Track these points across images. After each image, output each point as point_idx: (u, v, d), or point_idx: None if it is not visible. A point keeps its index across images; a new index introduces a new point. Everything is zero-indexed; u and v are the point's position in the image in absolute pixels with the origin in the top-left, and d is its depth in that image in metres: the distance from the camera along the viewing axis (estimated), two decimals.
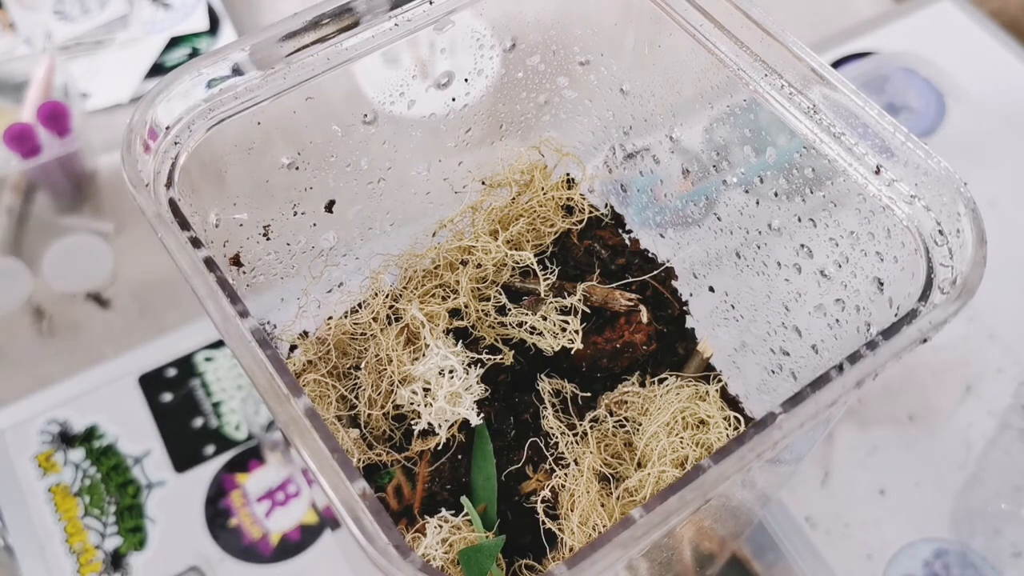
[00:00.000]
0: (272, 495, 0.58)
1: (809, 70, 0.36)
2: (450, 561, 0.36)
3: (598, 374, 0.42)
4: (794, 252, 0.40)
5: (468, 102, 0.43)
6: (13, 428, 0.60)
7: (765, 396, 0.44)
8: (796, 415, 0.29)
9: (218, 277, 0.30)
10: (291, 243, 0.41)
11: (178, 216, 0.32)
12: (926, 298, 0.32)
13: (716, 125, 0.41)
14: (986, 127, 0.74)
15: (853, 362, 0.30)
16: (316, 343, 0.41)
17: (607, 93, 0.46)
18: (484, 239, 0.42)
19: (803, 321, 0.41)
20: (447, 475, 0.39)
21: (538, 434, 0.40)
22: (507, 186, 0.45)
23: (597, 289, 0.43)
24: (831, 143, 0.35)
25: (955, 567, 0.55)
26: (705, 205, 0.44)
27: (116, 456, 0.59)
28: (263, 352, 0.28)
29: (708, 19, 0.38)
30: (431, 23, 0.39)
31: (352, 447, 0.38)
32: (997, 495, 0.57)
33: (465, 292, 0.41)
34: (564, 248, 0.46)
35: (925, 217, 0.34)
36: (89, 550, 0.56)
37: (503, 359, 0.40)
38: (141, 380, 0.62)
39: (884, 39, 0.80)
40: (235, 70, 0.35)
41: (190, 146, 0.34)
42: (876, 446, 0.59)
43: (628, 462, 0.38)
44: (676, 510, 0.27)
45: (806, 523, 0.56)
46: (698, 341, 0.45)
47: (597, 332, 0.42)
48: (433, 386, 0.36)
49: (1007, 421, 0.60)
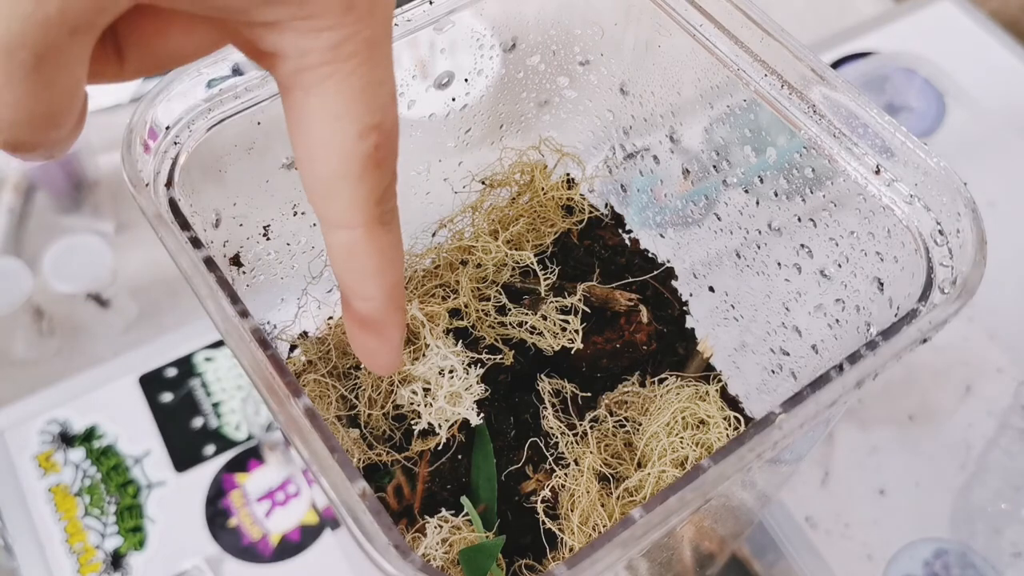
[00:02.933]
0: (272, 495, 0.58)
1: (809, 70, 0.36)
2: (450, 561, 0.36)
3: (598, 374, 0.42)
4: (794, 252, 0.40)
5: (468, 102, 0.43)
6: (13, 428, 0.60)
7: (765, 396, 0.44)
8: (796, 415, 0.29)
9: (218, 277, 0.30)
10: (291, 243, 0.41)
11: (178, 216, 0.32)
12: (926, 298, 0.32)
13: (716, 125, 0.41)
14: (986, 127, 0.74)
15: (853, 362, 0.30)
16: (316, 343, 0.41)
17: (607, 93, 0.46)
18: (484, 239, 0.42)
19: (803, 321, 0.41)
20: (447, 475, 0.39)
21: (538, 434, 0.40)
22: (507, 186, 0.45)
23: (597, 289, 0.43)
24: (831, 143, 0.35)
25: (955, 567, 0.55)
26: (705, 205, 0.44)
27: (116, 456, 0.59)
28: (263, 352, 0.28)
29: (708, 19, 0.38)
30: (431, 23, 0.39)
31: (352, 447, 0.38)
32: (997, 495, 0.57)
33: (465, 292, 0.41)
34: (564, 248, 0.46)
35: (925, 217, 0.34)
36: (89, 550, 0.56)
37: (503, 359, 0.40)
38: (141, 380, 0.62)
39: (884, 39, 0.80)
40: (235, 70, 0.35)
41: (190, 146, 0.34)
42: (876, 446, 0.59)
43: (628, 462, 0.38)
44: (676, 510, 0.27)
45: (806, 523, 0.56)
46: (698, 341, 0.45)
47: (597, 332, 0.42)
48: (433, 386, 0.36)
49: (1007, 421, 0.60)
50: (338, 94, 0.23)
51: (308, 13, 0.22)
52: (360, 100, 0.23)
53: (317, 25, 0.22)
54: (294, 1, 0.21)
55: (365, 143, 0.24)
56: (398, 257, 0.28)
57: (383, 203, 0.26)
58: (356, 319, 0.29)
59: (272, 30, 0.22)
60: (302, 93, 0.23)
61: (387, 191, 0.26)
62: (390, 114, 0.25)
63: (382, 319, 0.29)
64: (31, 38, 0.18)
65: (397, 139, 0.26)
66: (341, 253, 0.27)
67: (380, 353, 0.30)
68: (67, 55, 0.19)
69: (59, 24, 0.18)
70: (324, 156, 0.24)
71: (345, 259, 0.27)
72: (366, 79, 0.23)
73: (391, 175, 0.26)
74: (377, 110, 0.24)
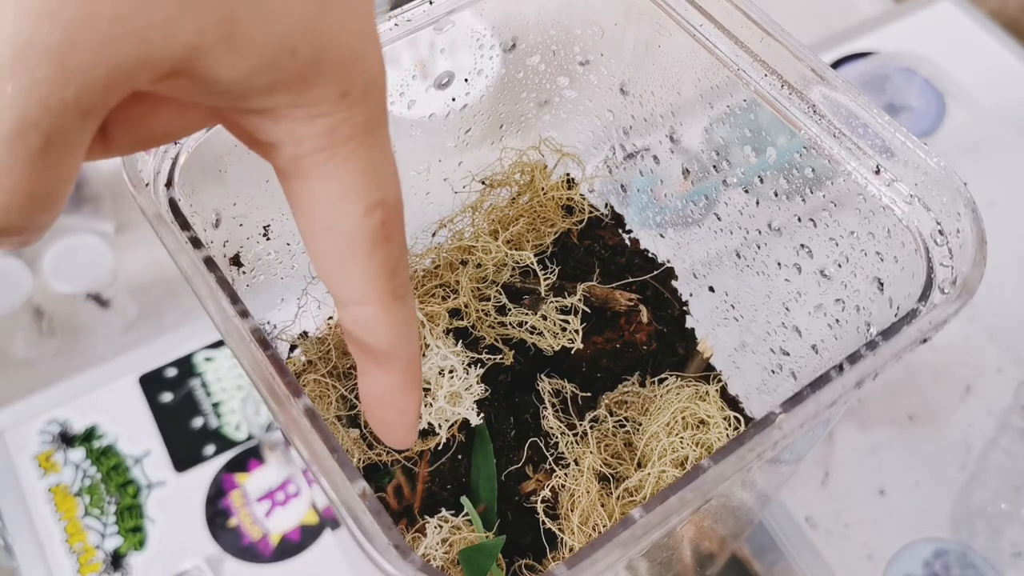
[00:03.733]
0: (272, 495, 0.58)
1: (809, 70, 0.36)
2: (450, 561, 0.36)
3: (598, 374, 0.42)
4: (794, 252, 0.40)
5: (468, 102, 0.43)
6: (13, 428, 0.60)
7: (765, 396, 0.44)
8: (796, 415, 0.29)
9: (218, 277, 0.30)
10: (291, 243, 0.41)
11: (178, 216, 0.32)
12: (926, 298, 0.32)
13: (716, 125, 0.41)
14: (986, 127, 0.74)
15: (853, 362, 0.30)
16: (316, 343, 0.41)
17: (607, 93, 0.46)
18: (484, 239, 0.42)
19: (803, 321, 0.41)
20: (447, 475, 0.39)
21: (538, 434, 0.40)
22: (507, 186, 0.45)
23: (597, 289, 0.43)
24: (831, 143, 0.35)
25: (955, 567, 0.55)
26: (705, 205, 0.44)
27: (116, 456, 0.59)
28: (263, 352, 0.28)
29: (708, 19, 0.38)
30: (431, 23, 0.39)
31: (352, 447, 0.38)
32: (997, 495, 0.57)
33: (465, 292, 0.41)
34: (564, 248, 0.46)
35: (925, 217, 0.34)
36: (89, 550, 0.56)
37: (503, 359, 0.40)
38: (141, 380, 0.62)
39: (884, 39, 0.80)
40: None
41: (190, 146, 0.34)
42: (876, 446, 0.59)
43: (628, 462, 0.38)
44: (676, 510, 0.27)
45: (806, 523, 0.56)
46: (698, 341, 0.45)
47: (597, 332, 0.42)
48: (433, 386, 0.36)
49: (1007, 421, 0.60)
50: (338, 176, 0.23)
51: (306, 102, 0.22)
52: (361, 180, 0.23)
53: (312, 112, 0.22)
54: (293, 89, 0.21)
55: (371, 220, 0.24)
56: (413, 331, 0.28)
57: (395, 277, 0.26)
58: (372, 394, 0.29)
59: (267, 117, 0.22)
60: (302, 179, 0.23)
61: (398, 264, 0.26)
62: (393, 190, 0.25)
63: (398, 393, 0.28)
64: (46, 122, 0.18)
65: (403, 214, 0.26)
66: (356, 329, 0.26)
67: (396, 428, 0.30)
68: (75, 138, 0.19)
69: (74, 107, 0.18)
70: (330, 236, 0.24)
71: (360, 335, 0.27)
72: (364, 161, 0.23)
73: (401, 249, 0.26)
74: (379, 187, 0.24)
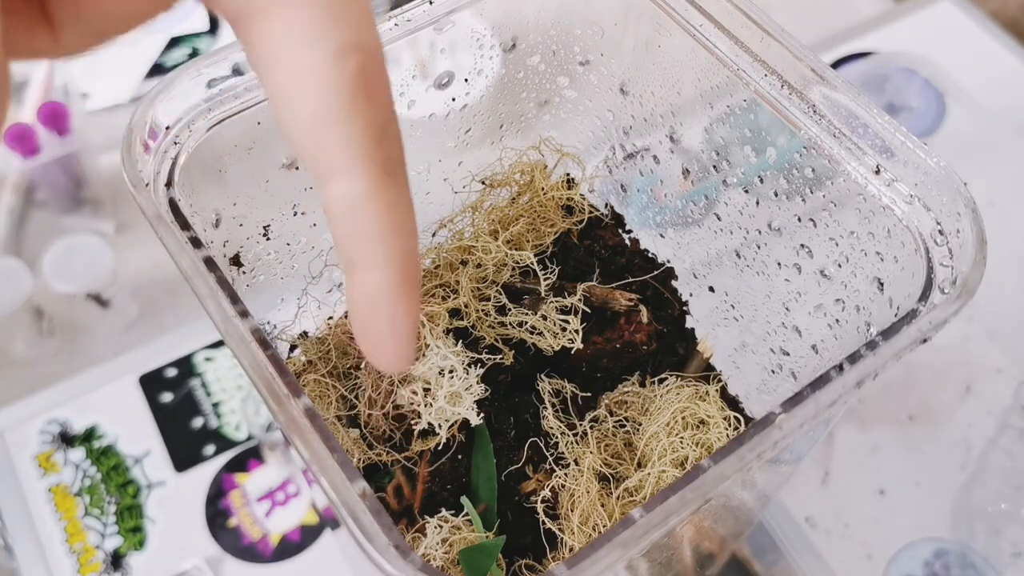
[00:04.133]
0: (272, 495, 0.58)
1: (809, 70, 0.36)
2: (450, 561, 0.36)
3: (598, 374, 0.42)
4: (794, 252, 0.40)
5: (468, 102, 0.43)
6: (13, 428, 0.60)
7: (765, 396, 0.44)
8: (796, 415, 0.29)
9: (218, 277, 0.30)
10: (291, 243, 0.41)
11: (178, 216, 0.32)
12: (926, 298, 0.32)
13: (716, 125, 0.41)
14: (986, 127, 0.74)
15: (853, 362, 0.30)
16: (316, 343, 0.41)
17: (607, 93, 0.46)
18: (484, 239, 0.42)
19: (803, 321, 0.41)
20: (447, 475, 0.39)
21: (538, 434, 0.40)
22: (507, 186, 0.45)
23: (597, 289, 0.43)
24: (831, 143, 0.35)
25: (955, 567, 0.55)
26: (705, 205, 0.44)
27: (116, 456, 0.59)
28: (263, 352, 0.28)
29: (708, 19, 0.38)
30: (431, 23, 0.39)
31: (352, 447, 0.38)
32: (997, 495, 0.57)
33: (465, 292, 0.41)
34: (564, 248, 0.46)
35: (925, 217, 0.34)
36: (89, 550, 0.56)
37: (503, 359, 0.40)
38: (141, 380, 0.62)
39: (884, 39, 0.80)
40: (235, 70, 0.35)
41: (190, 146, 0.34)
42: (876, 446, 0.59)
43: (628, 462, 0.38)
44: (676, 510, 0.27)
45: (806, 523, 0.56)
46: (698, 341, 0.45)
47: (597, 332, 0.42)
48: (433, 386, 0.36)
49: (1007, 421, 0.60)
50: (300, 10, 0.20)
51: None
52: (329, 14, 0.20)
53: None
54: None
55: (345, 66, 0.20)
56: (410, 221, 0.23)
57: (384, 146, 0.22)
58: (360, 300, 0.24)
59: None
60: (259, 22, 0.20)
61: (386, 130, 0.22)
62: (368, 32, 0.21)
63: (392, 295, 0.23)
64: None
65: (384, 68, 0.22)
66: (341, 211, 0.22)
67: (388, 340, 0.24)
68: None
69: None
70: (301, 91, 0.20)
71: (346, 218, 0.22)
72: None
73: (388, 112, 0.22)
74: (351, 24, 0.20)
